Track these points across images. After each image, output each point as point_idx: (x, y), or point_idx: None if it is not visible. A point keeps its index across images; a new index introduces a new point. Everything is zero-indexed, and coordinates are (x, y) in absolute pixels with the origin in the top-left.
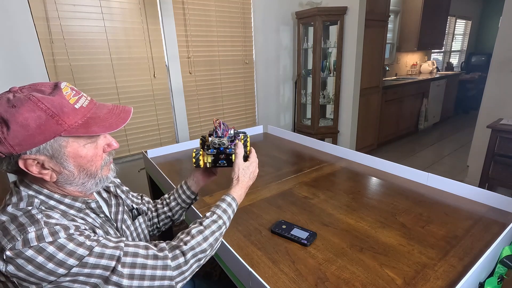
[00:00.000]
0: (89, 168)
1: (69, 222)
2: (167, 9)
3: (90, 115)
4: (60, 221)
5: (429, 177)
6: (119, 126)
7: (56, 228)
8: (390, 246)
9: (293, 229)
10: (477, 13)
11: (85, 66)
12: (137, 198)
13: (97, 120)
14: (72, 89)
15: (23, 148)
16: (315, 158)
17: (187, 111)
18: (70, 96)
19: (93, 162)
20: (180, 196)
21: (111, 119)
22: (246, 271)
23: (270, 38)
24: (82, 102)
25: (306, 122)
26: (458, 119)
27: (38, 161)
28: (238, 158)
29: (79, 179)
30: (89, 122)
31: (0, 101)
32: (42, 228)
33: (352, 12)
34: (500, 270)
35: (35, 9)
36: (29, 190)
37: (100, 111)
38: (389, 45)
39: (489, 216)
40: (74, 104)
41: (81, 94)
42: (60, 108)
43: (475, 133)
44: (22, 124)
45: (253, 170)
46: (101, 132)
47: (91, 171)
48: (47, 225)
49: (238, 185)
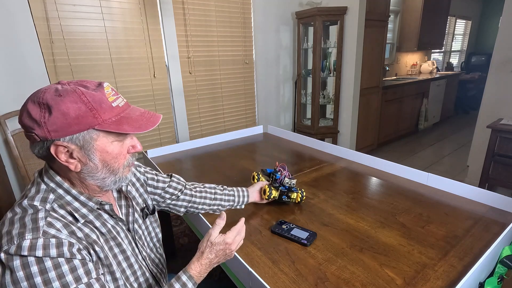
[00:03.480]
0: (112, 164)
1: (67, 236)
2: (167, 9)
3: (123, 115)
4: (58, 234)
5: (429, 177)
6: (148, 128)
7: (51, 241)
8: (390, 246)
9: (293, 229)
10: (477, 13)
11: (85, 66)
12: (164, 182)
13: (129, 120)
14: (112, 89)
15: (58, 135)
16: (315, 158)
17: (187, 111)
18: (109, 95)
19: (117, 160)
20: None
21: (142, 121)
22: (246, 271)
23: (270, 38)
24: (119, 102)
25: (306, 122)
26: (458, 119)
27: (68, 149)
28: (214, 229)
29: (102, 173)
30: (121, 120)
31: (49, 89)
32: (38, 238)
33: (352, 12)
34: (500, 270)
35: (35, 9)
36: (51, 182)
37: (133, 112)
38: (389, 45)
39: (489, 216)
40: (112, 102)
41: (119, 95)
42: (99, 104)
43: (475, 133)
44: (63, 112)
45: (226, 248)
46: (130, 131)
47: (114, 167)
48: (44, 235)
49: (199, 261)
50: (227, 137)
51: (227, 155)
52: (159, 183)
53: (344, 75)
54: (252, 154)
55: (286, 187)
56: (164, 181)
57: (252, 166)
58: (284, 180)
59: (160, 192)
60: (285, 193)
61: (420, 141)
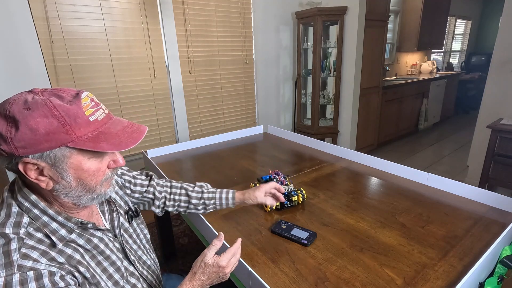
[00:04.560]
0: (89, 182)
1: (46, 265)
2: (167, 9)
3: (102, 129)
4: (36, 265)
5: (429, 177)
6: (129, 146)
7: (28, 274)
8: (390, 246)
9: (293, 229)
10: (477, 13)
11: (85, 66)
12: (143, 185)
13: (108, 136)
14: (92, 100)
15: (26, 152)
16: (315, 158)
17: (187, 111)
18: (87, 107)
19: (94, 177)
20: (217, 199)
21: (123, 137)
22: (246, 271)
23: (270, 38)
24: (98, 115)
25: (306, 122)
26: (458, 119)
27: (38, 166)
28: (209, 249)
29: (76, 191)
30: (99, 136)
31: (18, 100)
32: (13, 274)
33: (352, 12)
34: (500, 270)
35: (35, 9)
36: (25, 201)
37: (114, 127)
38: (389, 45)
39: (489, 216)
40: (89, 116)
41: (99, 106)
42: (74, 118)
43: (475, 133)
44: (31, 128)
45: (219, 271)
46: (109, 149)
47: (90, 185)
48: (20, 270)
49: (191, 281)
50: (227, 137)
51: (227, 155)
52: (136, 186)
53: (344, 75)
54: (252, 154)
55: (285, 193)
56: (142, 184)
57: (252, 166)
58: (289, 186)
59: (138, 196)
60: (286, 199)
61: (420, 141)
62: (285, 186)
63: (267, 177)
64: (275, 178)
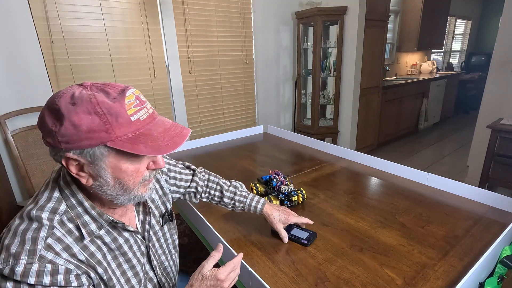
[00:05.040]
0: (126, 182)
1: (65, 261)
2: (167, 9)
3: (143, 130)
4: (56, 259)
5: (429, 177)
6: (168, 151)
7: (46, 267)
8: (390, 246)
9: (293, 229)
10: (477, 13)
11: (85, 66)
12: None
13: (148, 138)
14: (137, 98)
15: (68, 147)
16: (315, 158)
17: (187, 111)
18: (131, 106)
19: (132, 177)
20: (246, 204)
21: (162, 140)
22: (246, 271)
23: (270, 38)
24: (141, 114)
25: (306, 122)
26: (458, 119)
27: (79, 163)
28: (208, 261)
29: (113, 190)
30: (139, 138)
31: (66, 93)
32: (33, 263)
33: (352, 12)
34: (500, 270)
35: (35, 9)
36: (67, 188)
37: (156, 128)
38: (389, 45)
39: (489, 216)
40: (131, 116)
41: (144, 105)
42: (116, 117)
43: (475, 133)
44: (74, 124)
45: (217, 285)
46: (147, 153)
47: (128, 185)
48: (40, 260)
49: None
50: (227, 137)
51: (227, 155)
52: (182, 182)
53: (344, 75)
54: (252, 154)
55: (285, 193)
56: (187, 180)
57: (252, 166)
58: (281, 188)
59: (182, 190)
60: (286, 199)
61: (420, 141)
62: (285, 186)
63: (267, 177)
64: (275, 178)
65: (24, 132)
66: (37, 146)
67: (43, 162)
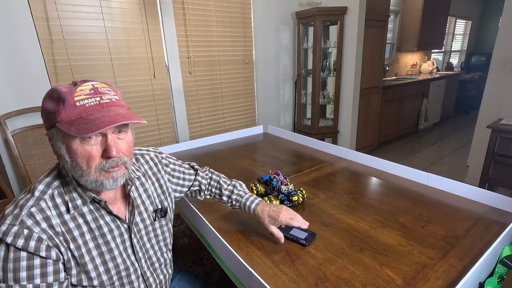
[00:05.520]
0: (80, 164)
1: (40, 231)
2: (167, 9)
3: (84, 115)
4: (33, 227)
5: (429, 177)
6: (89, 132)
7: (24, 232)
8: (390, 246)
9: (293, 229)
10: (477, 13)
11: (85, 66)
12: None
13: (84, 121)
14: (94, 89)
15: (46, 127)
16: (315, 158)
17: (187, 111)
18: (81, 94)
19: (85, 160)
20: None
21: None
22: (246, 271)
23: (270, 38)
24: (88, 102)
25: (306, 122)
26: (458, 119)
27: (51, 142)
28: None
29: (74, 171)
30: (77, 121)
31: None
32: (13, 225)
33: (352, 12)
34: (500, 270)
35: (35, 9)
36: (63, 168)
37: (96, 114)
38: (389, 45)
39: (489, 216)
40: (77, 102)
41: (98, 95)
42: (63, 102)
43: (475, 133)
44: (44, 108)
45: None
46: (74, 133)
47: (82, 168)
48: (20, 224)
49: None
50: (227, 137)
51: (227, 155)
52: (185, 181)
53: (344, 75)
54: (252, 154)
55: (285, 193)
56: (190, 179)
57: (252, 166)
58: (281, 188)
59: (185, 190)
60: (286, 199)
61: (420, 141)
62: (285, 186)
63: (267, 177)
64: (275, 178)
65: (24, 132)
66: (37, 146)
67: (43, 162)
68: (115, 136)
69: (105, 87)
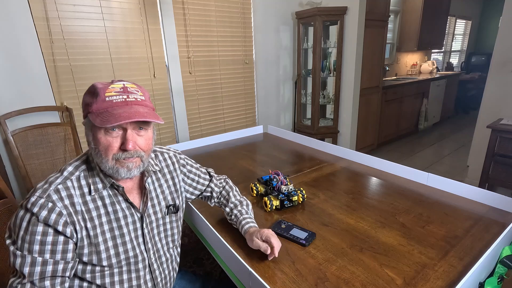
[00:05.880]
0: (101, 152)
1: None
2: (167, 9)
3: (109, 109)
4: (57, 202)
5: (429, 177)
6: (109, 123)
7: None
8: (390, 246)
9: (292, 229)
10: (477, 13)
11: (85, 66)
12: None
13: (107, 115)
14: (124, 87)
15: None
16: (315, 158)
17: (187, 111)
18: (112, 91)
19: (105, 149)
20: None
21: (112, 117)
22: (246, 271)
23: (270, 38)
24: (116, 98)
25: (306, 122)
26: (458, 119)
27: (85, 130)
28: None
29: (96, 156)
30: (103, 113)
31: None
32: (41, 198)
33: (352, 12)
34: (500, 270)
35: (35, 9)
36: (91, 155)
37: (119, 110)
38: (389, 45)
39: (489, 216)
40: (106, 97)
41: (125, 94)
42: (96, 96)
43: (475, 133)
44: (83, 100)
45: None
46: (96, 124)
47: (102, 155)
48: (47, 198)
49: None
50: (227, 137)
51: (227, 155)
52: (198, 184)
53: (344, 75)
54: (252, 154)
55: (285, 193)
56: (204, 184)
57: (252, 166)
58: (281, 188)
59: (198, 193)
60: (286, 199)
61: (420, 141)
62: (285, 186)
63: (267, 177)
64: (275, 178)
65: (24, 132)
66: (37, 146)
67: (43, 162)
68: (135, 132)
69: (134, 88)
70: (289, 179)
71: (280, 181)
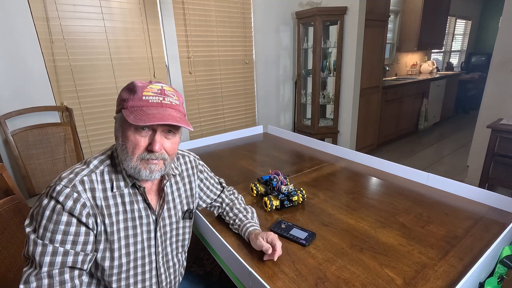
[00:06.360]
0: (128, 148)
1: (87, 198)
2: (167, 9)
3: (144, 108)
4: (82, 193)
5: (429, 177)
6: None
7: (73, 194)
8: (390, 246)
9: (292, 229)
10: (477, 13)
11: (85, 66)
12: (215, 193)
13: (142, 113)
14: (161, 89)
15: (116, 112)
16: (315, 158)
17: (187, 111)
18: (149, 91)
19: (132, 147)
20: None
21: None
22: (246, 271)
23: (270, 38)
24: (154, 98)
25: (306, 122)
26: (458, 119)
27: (115, 124)
28: None
29: (121, 152)
30: (137, 111)
31: None
32: (67, 187)
33: (352, 12)
34: (500, 270)
35: (35, 9)
36: (116, 151)
37: (153, 110)
38: (389, 45)
39: (489, 216)
40: (143, 96)
41: (162, 96)
42: (134, 94)
43: (475, 133)
44: (120, 95)
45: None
46: (130, 120)
47: (128, 152)
48: (72, 188)
49: None
50: (227, 137)
51: (227, 155)
52: (211, 193)
53: (344, 75)
54: (252, 154)
55: (285, 193)
56: (215, 193)
57: (252, 166)
58: (281, 188)
59: (208, 201)
60: (286, 199)
61: (420, 141)
62: (285, 186)
63: (267, 177)
64: (275, 178)
65: (24, 132)
66: (37, 146)
67: (43, 162)
68: (163, 134)
69: (171, 91)
70: (289, 179)
71: (280, 181)
